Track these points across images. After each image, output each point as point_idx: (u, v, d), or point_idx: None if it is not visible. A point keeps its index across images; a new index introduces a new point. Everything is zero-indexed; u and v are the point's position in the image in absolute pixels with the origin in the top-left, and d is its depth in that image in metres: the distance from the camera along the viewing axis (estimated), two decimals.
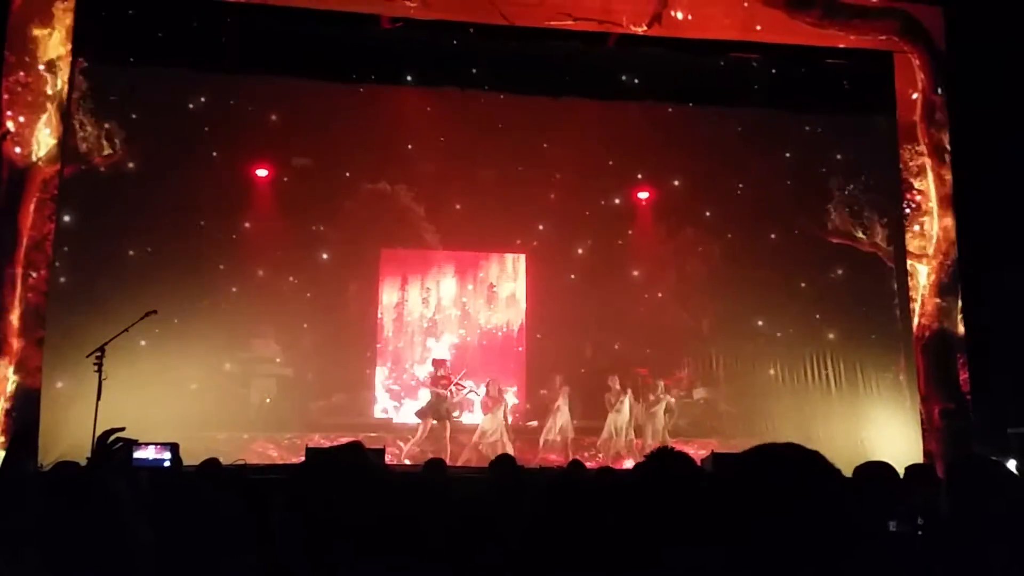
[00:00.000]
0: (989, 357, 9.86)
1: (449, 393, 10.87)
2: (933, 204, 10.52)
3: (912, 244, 10.54)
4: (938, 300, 10.31)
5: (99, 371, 7.74)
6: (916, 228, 10.56)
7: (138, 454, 6.61)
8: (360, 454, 1.97)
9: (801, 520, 1.39)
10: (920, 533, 3.37)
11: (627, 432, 11.00)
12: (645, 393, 11.48)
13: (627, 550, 2.05)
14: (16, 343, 8.90)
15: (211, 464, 5.98)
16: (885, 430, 10.70)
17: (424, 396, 11.14)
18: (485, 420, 10.85)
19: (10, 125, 9.08)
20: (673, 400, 11.41)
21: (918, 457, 9.38)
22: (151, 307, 8.54)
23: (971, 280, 10.25)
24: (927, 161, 10.54)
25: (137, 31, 9.88)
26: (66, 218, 9.52)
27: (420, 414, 10.96)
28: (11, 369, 8.83)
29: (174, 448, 6.88)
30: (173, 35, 9.93)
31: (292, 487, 1.95)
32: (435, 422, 10.78)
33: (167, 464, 6.75)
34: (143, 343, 9.40)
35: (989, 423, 9.38)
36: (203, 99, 10.89)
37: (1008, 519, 2.84)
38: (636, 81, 10.96)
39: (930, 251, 10.46)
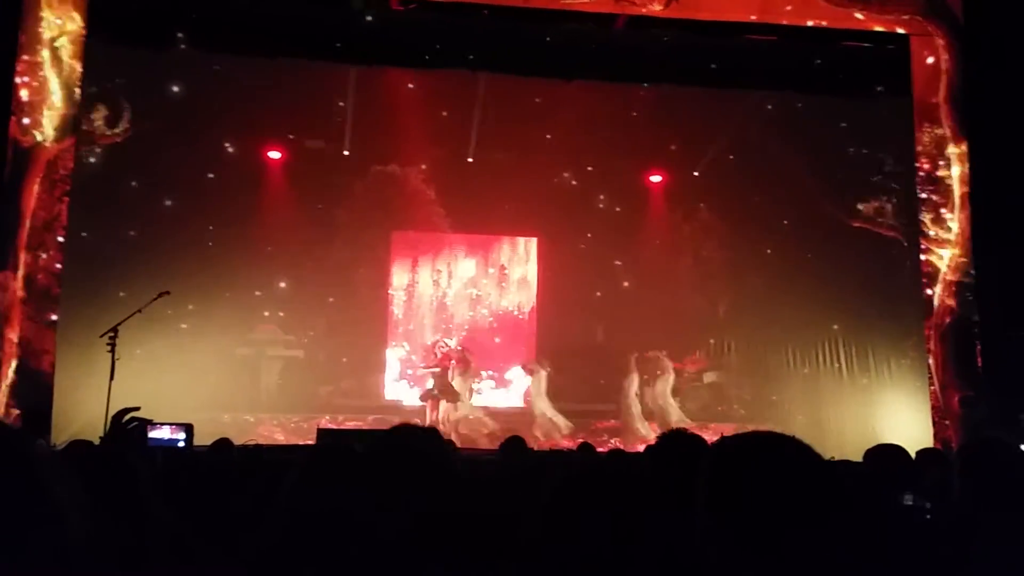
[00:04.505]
0: (1001, 342, 9.78)
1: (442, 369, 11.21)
2: (954, 188, 10.35)
3: (932, 229, 10.39)
4: (957, 286, 10.17)
5: (112, 352, 7.77)
6: (936, 212, 10.37)
7: (153, 434, 6.63)
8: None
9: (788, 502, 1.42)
10: (928, 517, 3.37)
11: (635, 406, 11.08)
12: (652, 371, 11.49)
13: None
14: (23, 324, 8.91)
15: (223, 444, 6.02)
16: (897, 416, 10.66)
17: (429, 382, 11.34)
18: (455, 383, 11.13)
19: (24, 94, 9.07)
20: (673, 378, 11.42)
21: (929, 443, 9.34)
22: (163, 288, 8.59)
23: (988, 265, 10.12)
24: (949, 144, 10.35)
25: (147, 11, 9.83)
26: (75, 199, 9.49)
27: (423, 397, 11.12)
28: (19, 350, 8.84)
29: (188, 428, 6.91)
30: (183, 16, 9.88)
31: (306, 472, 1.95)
32: (446, 403, 10.98)
33: (181, 444, 6.79)
34: (155, 324, 9.43)
35: (1001, 408, 9.33)
36: (214, 80, 10.82)
37: (1019, 499, 2.84)
38: (650, 63, 10.82)
39: (951, 236, 10.32)
